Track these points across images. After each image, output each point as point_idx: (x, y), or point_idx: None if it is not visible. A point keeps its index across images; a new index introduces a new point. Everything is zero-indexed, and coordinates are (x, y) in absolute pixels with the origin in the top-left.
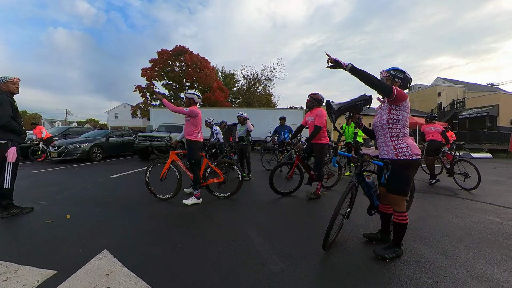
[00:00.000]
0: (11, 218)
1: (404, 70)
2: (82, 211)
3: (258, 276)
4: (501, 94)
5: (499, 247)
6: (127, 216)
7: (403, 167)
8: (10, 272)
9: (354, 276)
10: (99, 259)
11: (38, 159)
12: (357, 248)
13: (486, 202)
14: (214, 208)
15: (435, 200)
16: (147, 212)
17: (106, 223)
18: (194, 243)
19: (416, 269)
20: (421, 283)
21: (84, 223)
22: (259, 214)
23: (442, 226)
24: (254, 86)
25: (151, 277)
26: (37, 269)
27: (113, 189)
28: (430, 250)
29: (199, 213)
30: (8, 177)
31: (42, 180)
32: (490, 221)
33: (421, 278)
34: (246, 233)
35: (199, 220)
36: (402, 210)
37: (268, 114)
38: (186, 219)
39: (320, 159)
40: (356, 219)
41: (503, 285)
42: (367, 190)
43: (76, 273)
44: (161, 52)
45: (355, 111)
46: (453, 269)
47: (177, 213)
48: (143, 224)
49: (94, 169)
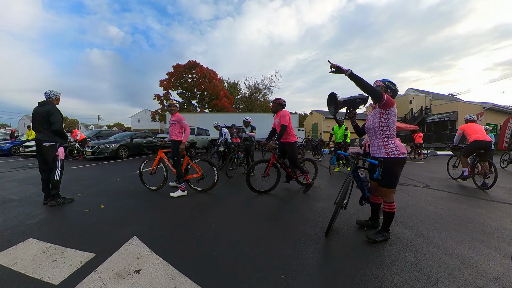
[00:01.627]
0: (57, 207)
1: (395, 83)
2: (114, 202)
3: (270, 259)
4: (459, 103)
5: (464, 229)
6: (151, 206)
7: (392, 164)
8: (58, 253)
9: (351, 257)
10: (130, 244)
11: (76, 157)
12: (351, 234)
13: (451, 192)
14: (225, 201)
15: (411, 191)
16: (168, 203)
17: (134, 212)
18: (210, 231)
19: (401, 249)
20: (405, 261)
21: (116, 212)
22: (264, 205)
23: (419, 213)
24: (255, 94)
25: (176, 260)
26: (80, 251)
27: (138, 183)
28: (411, 233)
29: (211, 205)
30: (59, 171)
31: (80, 175)
32: (456, 207)
33: (406, 257)
34: (255, 222)
35: (213, 212)
36: (391, 200)
37: (267, 118)
38: (201, 210)
39: (293, 156)
40: (349, 209)
41: (469, 260)
42: (360, 184)
43: (112, 256)
44: (176, 66)
45: (352, 107)
46: (430, 248)
47: (194, 205)
48: (165, 214)
49: (121, 166)
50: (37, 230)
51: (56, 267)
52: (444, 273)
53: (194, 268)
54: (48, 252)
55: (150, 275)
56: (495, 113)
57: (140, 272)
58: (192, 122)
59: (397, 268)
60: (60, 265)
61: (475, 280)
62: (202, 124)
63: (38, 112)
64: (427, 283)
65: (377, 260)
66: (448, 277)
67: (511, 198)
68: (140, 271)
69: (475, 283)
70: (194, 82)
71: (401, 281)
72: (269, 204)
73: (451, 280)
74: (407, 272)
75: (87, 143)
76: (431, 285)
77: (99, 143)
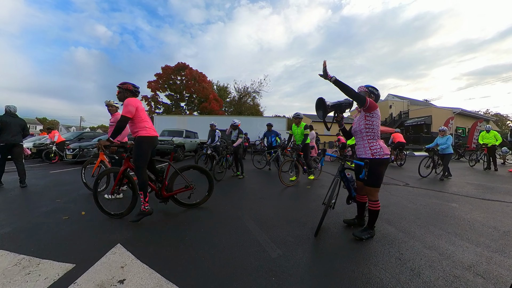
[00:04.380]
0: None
1: (378, 88)
2: (96, 208)
3: (260, 262)
4: (433, 108)
5: (441, 224)
6: (135, 212)
7: (377, 164)
8: (32, 265)
9: (340, 255)
10: (113, 252)
11: (53, 160)
12: (339, 232)
13: (428, 189)
14: (214, 204)
15: (393, 190)
16: (154, 208)
17: (117, 219)
18: (199, 236)
19: (386, 245)
20: (390, 256)
21: (98, 219)
22: (254, 207)
23: (401, 210)
24: (244, 97)
25: (163, 268)
26: (57, 262)
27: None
28: (395, 229)
29: (200, 209)
30: None
31: (59, 180)
32: (432, 203)
33: (390, 252)
34: (245, 225)
35: (202, 216)
36: (376, 199)
37: (256, 121)
38: (190, 215)
39: (136, 154)
40: (336, 208)
41: (446, 251)
42: (347, 184)
43: (94, 266)
44: (165, 67)
45: (339, 111)
46: (412, 243)
47: (182, 209)
48: (151, 219)
49: None
50: (9, 241)
51: (30, 281)
52: (425, 265)
53: (183, 275)
54: (21, 264)
55: (136, 284)
56: (463, 117)
57: (125, 282)
58: (181, 125)
59: (383, 264)
60: (34, 279)
61: (452, 269)
62: (191, 126)
63: None
64: (411, 275)
65: (365, 257)
66: (429, 268)
67: (479, 193)
68: (125, 281)
69: (453, 272)
70: (183, 84)
71: (387, 275)
72: (257, 206)
73: (432, 271)
74: (392, 266)
75: (67, 145)
76: (414, 277)
77: (81, 146)
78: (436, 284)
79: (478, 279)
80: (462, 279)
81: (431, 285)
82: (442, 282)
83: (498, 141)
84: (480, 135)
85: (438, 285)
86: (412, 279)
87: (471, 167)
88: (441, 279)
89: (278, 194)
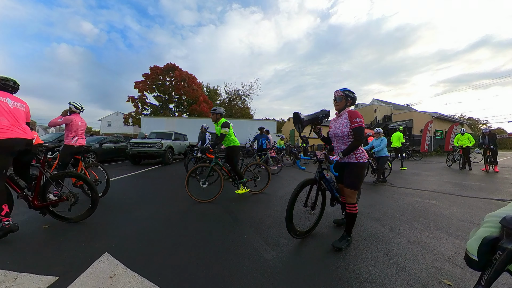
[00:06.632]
0: None
1: (353, 91)
2: None
3: (255, 264)
4: (414, 112)
5: (423, 219)
6: (124, 218)
7: (360, 168)
8: (9, 280)
9: (331, 254)
10: (101, 262)
11: None
12: (330, 232)
13: (411, 188)
14: (204, 209)
15: (379, 190)
16: (143, 214)
17: (104, 225)
18: (192, 240)
19: (374, 242)
20: (378, 252)
21: (82, 227)
22: (244, 210)
23: (386, 208)
24: (234, 100)
25: (156, 275)
26: (38, 276)
27: (109, 192)
28: (381, 227)
29: (192, 213)
30: None
31: None
32: (415, 201)
33: (378, 248)
34: (238, 228)
35: (193, 220)
36: (353, 201)
37: (246, 124)
38: (180, 219)
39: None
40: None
41: (428, 245)
42: (327, 184)
43: (79, 278)
44: (154, 67)
45: (317, 123)
46: (398, 239)
47: (172, 214)
48: (141, 225)
49: None
50: None
51: None
52: (410, 259)
53: (176, 281)
54: None
55: None
56: (441, 121)
57: None
58: (170, 127)
59: (371, 260)
60: None
61: (434, 262)
62: (180, 129)
63: None
64: (398, 269)
65: (354, 255)
66: (413, 262)
67: (456, 191)
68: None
69: (435, 264)
70: (172, 85)
71: (375, 271)
72: (249, 209)
73: (416, 265)
74: (380, 262)
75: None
76: (401, 271)
77: None
78: (420, 276)
79: (456, 269)
80: (443, 270)
81: (415, 278)
82: (425, 274)
83: (471, 143)
84: (456, 138)
85: (422, 277)
86: (398, 272)
87: (448, 167)
88: (425, 271)
89: (270, 196)
